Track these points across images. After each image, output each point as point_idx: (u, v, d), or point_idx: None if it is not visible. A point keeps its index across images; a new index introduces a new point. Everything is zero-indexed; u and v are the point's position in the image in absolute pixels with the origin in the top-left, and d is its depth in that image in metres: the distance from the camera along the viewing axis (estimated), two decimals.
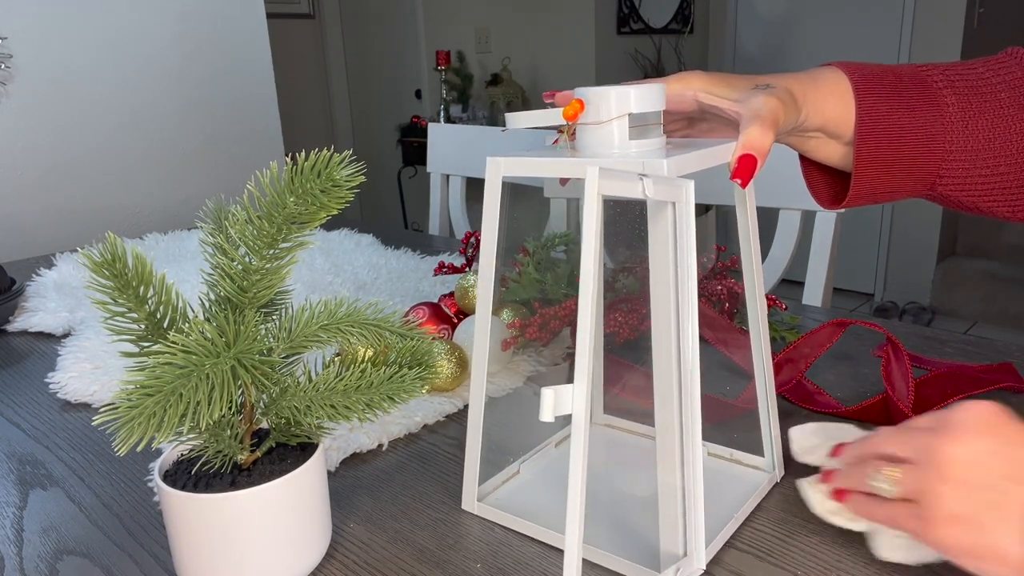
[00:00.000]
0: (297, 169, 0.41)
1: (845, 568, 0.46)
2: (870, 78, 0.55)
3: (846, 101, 0.54)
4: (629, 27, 3.29)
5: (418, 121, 3.42)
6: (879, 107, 0.54)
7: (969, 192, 0.56)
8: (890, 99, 0.55)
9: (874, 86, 0.55)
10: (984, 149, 0.55)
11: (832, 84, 0.55)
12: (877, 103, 0.54)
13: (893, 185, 0.57)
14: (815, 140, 0.57)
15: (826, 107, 0.54)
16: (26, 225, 1.53)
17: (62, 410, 0.73)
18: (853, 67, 0.56)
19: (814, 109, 0.54)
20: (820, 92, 0.54)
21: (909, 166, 0.56)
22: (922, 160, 0.55)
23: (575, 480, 0.39)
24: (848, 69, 0.55)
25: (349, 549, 0.50)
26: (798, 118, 0.53)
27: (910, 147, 0.55)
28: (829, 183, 0.61)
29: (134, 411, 0.36)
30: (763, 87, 0.52)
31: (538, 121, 0.48)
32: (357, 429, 0.63)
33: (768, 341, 0.56)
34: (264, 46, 1.85)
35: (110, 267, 0.41)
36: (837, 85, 0.55)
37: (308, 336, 0.44)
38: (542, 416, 0.39)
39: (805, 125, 0.55)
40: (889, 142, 0.55)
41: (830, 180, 0.61)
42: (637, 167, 0.43)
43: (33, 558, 0.50)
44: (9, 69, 1.46)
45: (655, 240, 0.43)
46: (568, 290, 0.80)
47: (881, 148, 0.55)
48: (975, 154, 0.55)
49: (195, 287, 0.96)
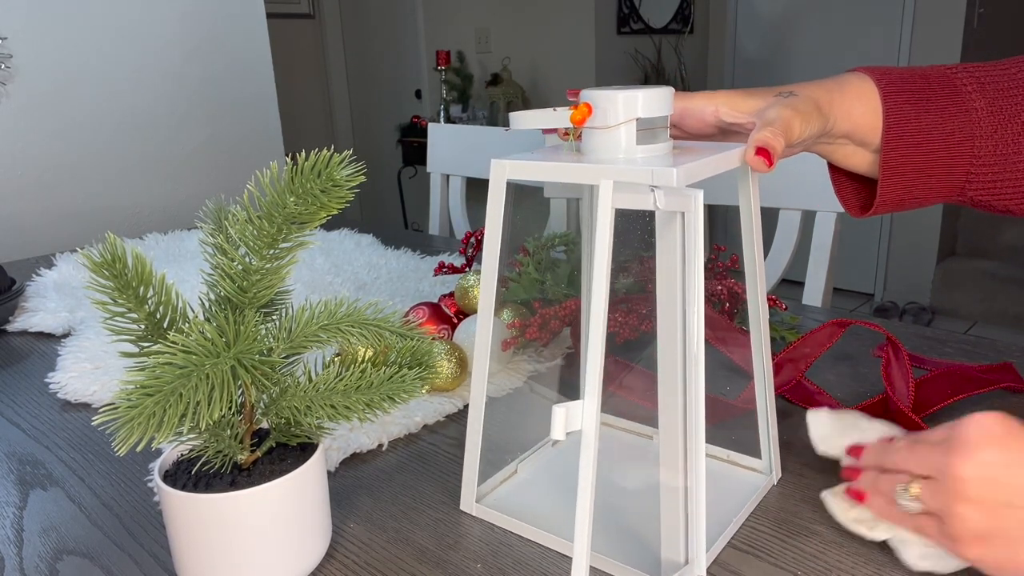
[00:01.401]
0: (297, 169, 0.41)
1: (845, 568, 0.46)
2: (897, 81, 0.54)
3: (873, 105, 0.54)
4: (629, 27, 3.29)
5: (418, 121, 3.42)
6: (906, 111, 0.54)
7: (1000, 196, 0.55)
8: (917, 103, 0.54)
9: (901, 89, 0.54)
10: (1016, 152, 0.54)
11: (858, 89, 0.54)
12: (904, 107, 0.54)
13: (922, 190, 0.56)
14: (843, 148, 0.56)
15: (853, 112, 0.54)
16: (26, 225, 1.53)
17: (62, 410, 0.73)
18: (879, 71, 0.55)
19: (841, 114, 0.53)
20: (847, 97, 0.54)
21: (938, 171, 0.55)
22: (951, 165, 0.55)
23: (584, 497, 0.39)
24: (874, 73, 0.55)
25: (349, 549, 0.50)
26: (824, 125, 0.53)
27: (939, 152, 0.54)
28: (857, 191, 0.61)
29: (134, 411, 0.36)
30: (785, 95, 0.52)
31: (543, 122, 0.48)
32: (357, 429, 0.63)
33: (768, 341, 0.56)
34: (264, 46, 1.85)
35: (110, 267, 0.41)
36: (863, 89, 0.54)
37: (308, 336, 0.44)
38: (553, 435, 0.39)
39: (832, 131, 0.54)
40: (917, 146, 0.54)
41: (858, 188, 0.61)
42: (646, 175, 0.42)
43: (33, 558, 0.50)
44: (9, 69, 1.46)
45: (663, 249, 0.43)
46: (568, 290, 0.80)
47: (909, 153, 0.54)
48: (1005, 157, 0.54)
49: (195, 287, 0.96)
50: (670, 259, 0.43)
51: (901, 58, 3.11)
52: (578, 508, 0.39)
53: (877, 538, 0.47)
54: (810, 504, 0.52)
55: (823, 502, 0.50)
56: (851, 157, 0.57)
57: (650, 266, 0.44)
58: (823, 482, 0.54)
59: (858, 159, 0.57)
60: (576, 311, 0.75)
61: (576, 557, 0.39)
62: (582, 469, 0.39)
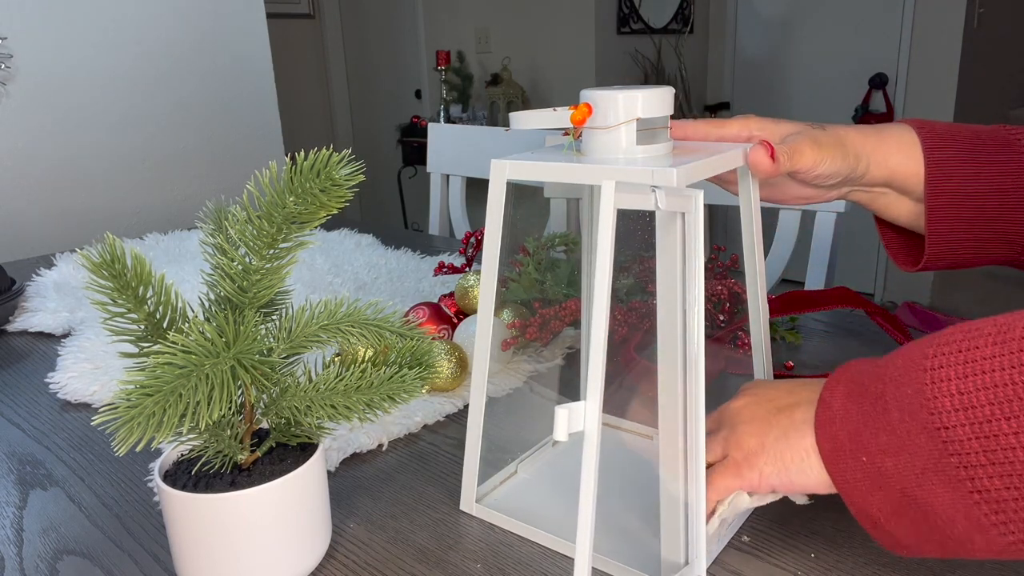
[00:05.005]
0: (296, 169, 0.41)
1: (845, 569, 0.46)
2: (940, 132, 0.54)
3: (913, 154, 0.53)
4: (629, 27, 3.29)
5: (418, 121, 3.42)
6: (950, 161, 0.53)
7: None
8: (963, 153, 0.53)
9: (944, 139, 0.53)
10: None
11: (898, 137, 0.54)
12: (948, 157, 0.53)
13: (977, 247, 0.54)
14: (884, 197, 0.56)
15: (890, 159, 0.53)
16: (26, 225, 1.53)
17: (62, 410, 0.72)
18: (922, 122, 0.54)
19: (877, 161, 0.53)
20: (885, 144, 0.53)
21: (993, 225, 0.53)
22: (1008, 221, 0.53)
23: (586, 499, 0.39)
24: (917, 124, 0.54)
25: (349, 549, 0.50)
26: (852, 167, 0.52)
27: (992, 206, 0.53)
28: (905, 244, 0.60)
29: (134, 411, 0.36)
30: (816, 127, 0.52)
31: (543, 123, 0.48)
32: (357, 429, 0.63)
33: (768, 341, 0.56)
34: (264, 46, 1.85)
35: (109, 268, 0.41)
36: (903, 138, 0.54)
37: (308, 336, 0.44)
38: (556, 435, 0.39)
39: (868, 177, 0.54)
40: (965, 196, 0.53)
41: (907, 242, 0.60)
42: (646, 176, 0.42)
43: (33, 558, 0.50)
44: (9, 69, 1.46)
45: (663, 250, 0.43)
46: (568, 290, 0.80)
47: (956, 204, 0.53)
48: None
49: (195, 287, 0.96)
50: (670, 259, 0.43)
51: (901, 58, 3.11)
52: (580, 508, 0.39)
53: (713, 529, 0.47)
54: (810, 504, 0.52)
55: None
56: (893, 206, 0.56)
57: (650, 266, 0.44)
58: None
59: (901, 208, 0.56)
60: (576, 311, 0.75)
61: (578, 557, 0.39)
62: (584, 470, 0.39)
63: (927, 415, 0.36)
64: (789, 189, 0.57)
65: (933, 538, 0.37)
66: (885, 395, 0.38)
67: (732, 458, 0.46)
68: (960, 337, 0.36)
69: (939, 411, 0.35)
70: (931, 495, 0.36)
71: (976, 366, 0.35)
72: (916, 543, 0.38)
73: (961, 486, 0.35)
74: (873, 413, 0.38)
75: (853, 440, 0.39)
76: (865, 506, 0.39)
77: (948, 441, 0.35)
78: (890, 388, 0.38)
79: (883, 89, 3.18)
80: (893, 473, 0.37)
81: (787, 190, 0.57)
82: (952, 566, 0.45)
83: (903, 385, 0.37)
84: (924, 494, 0.36)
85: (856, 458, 0.39)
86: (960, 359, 0.36)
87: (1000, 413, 0.33)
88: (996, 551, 0.36)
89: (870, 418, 0.38)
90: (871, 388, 0.39)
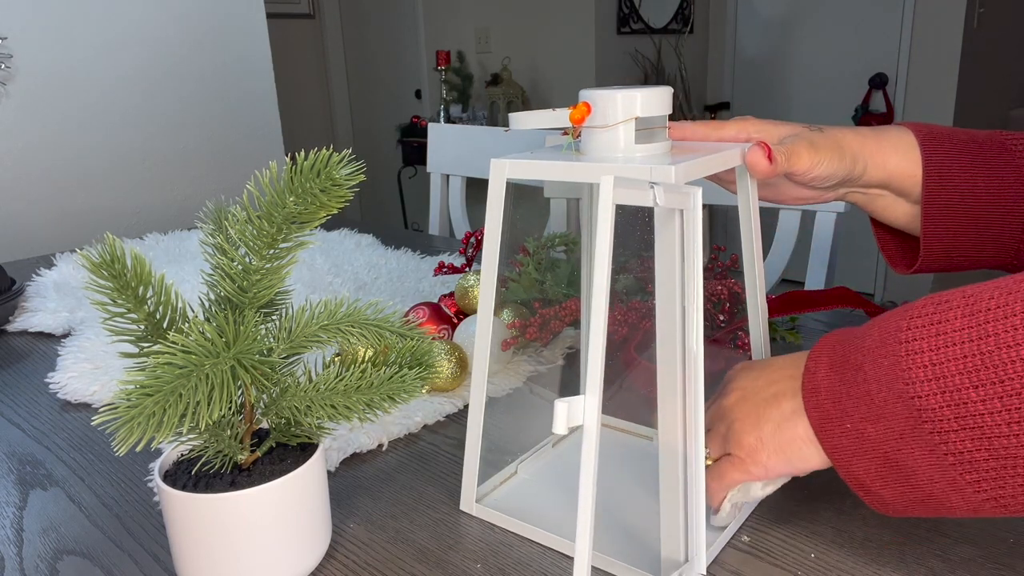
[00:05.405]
0: (296, 169, 0.41)
1: (845, 569, 0.46)
2: (938, 135, 0.54)
3: (911, 156, 0.54)
4: (629, 27, 3.29)
5: (418, 121, 3.42)
6: (947, 164, 0.53)
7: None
8: (960, 157, 0.53)
9: (942, 143, 0.53)
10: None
11: (896, 139, 0.54)
12: (945, 160, 0.53)
13: (971, 250, 0.55)
14: (882, 198, 0.56)
15: (888, 161, 0.53)
16: (26, 225, 1.53)
17: (62, 410, 0.72)
18: (920, 125, 0.55)
19: (875, 162, 0.53)
20: (882, 146, 0.53)
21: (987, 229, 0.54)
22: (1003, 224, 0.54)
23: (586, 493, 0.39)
24: (915, 127, 0.55)
25: (349, 549, 0.50)
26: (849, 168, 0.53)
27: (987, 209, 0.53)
28: (900, 246, 0.60)
29: (134, 411, 0.36)
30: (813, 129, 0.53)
31: (543, 123, 0.48)
32: (357, 429, 0.63)
33: (768, 341, 0.56)
34: (264, 46, 1.85)
35: (109, 268, 0.41)
36: (901, 140, 0.54)
37: (308, 336, 0.44)
38: (556, 429, 0.39)
39: (865, 179, 0.54)
40: (961, 199, 0.53)
41: (902, 244, 0.60)
42: (645, 173, 0.42)
43: (33, 558, 0.50)
44: (9, 69, 1.46)
45: (662, 248, 0.43)
46: (568, 290, 0.80)
47: (952, 207, 0.53)
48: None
49: (195, 287, 0.96)
50: (669, 257, 0.43)
51: (901, 58, 3.12)
52: (580, 503, 0.39)
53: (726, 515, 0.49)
54: (810, 504, 0.52)
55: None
56: (890, 208, 0.56)
57: (650, 266, 0.44)
58: (823, 482, 0.54)
59: (898, 210, 0.56)
60: (576, 311, 0.75)
61: (578, 555, 0.39)
62: (583, 464, 0.39)
63: (902, 385, 0.39)
64: (787, 190, 0.57)
65: (916, 497, 0.40)
66: (864, 366, 0.41)
67: (736, 455, 0.47)
68: (932, 310, 0.40)
69: (913, 381, 0.38)
70: (910, 458, 0.39)
71: (947, 338, 0.38)
72: (903, 504, 0.41)
73: (936, 449, 0.38)
74: (854, 383, 0.41)
75: (837, 408, 0.42)
76: (853, 470, 0.42)
77: (922, 409, 0.38)
78: (868, 360, 0.41)
79: (883, 89, 3.18)
80: (875, 439, 0.40)
81: (785, 191, 0.57)
82: (952, 566, 0.45)
83: (880, 357, 0.40)
84: (904, 457, 0.39)
85: (841, 425, 0.42)
86: (932, 331, 0.39)
87: (968, 382, 0.37)
88: (973, 508, 0.39)
89: (851, 387, 0.41)
90: (851, 359, 0.42)
